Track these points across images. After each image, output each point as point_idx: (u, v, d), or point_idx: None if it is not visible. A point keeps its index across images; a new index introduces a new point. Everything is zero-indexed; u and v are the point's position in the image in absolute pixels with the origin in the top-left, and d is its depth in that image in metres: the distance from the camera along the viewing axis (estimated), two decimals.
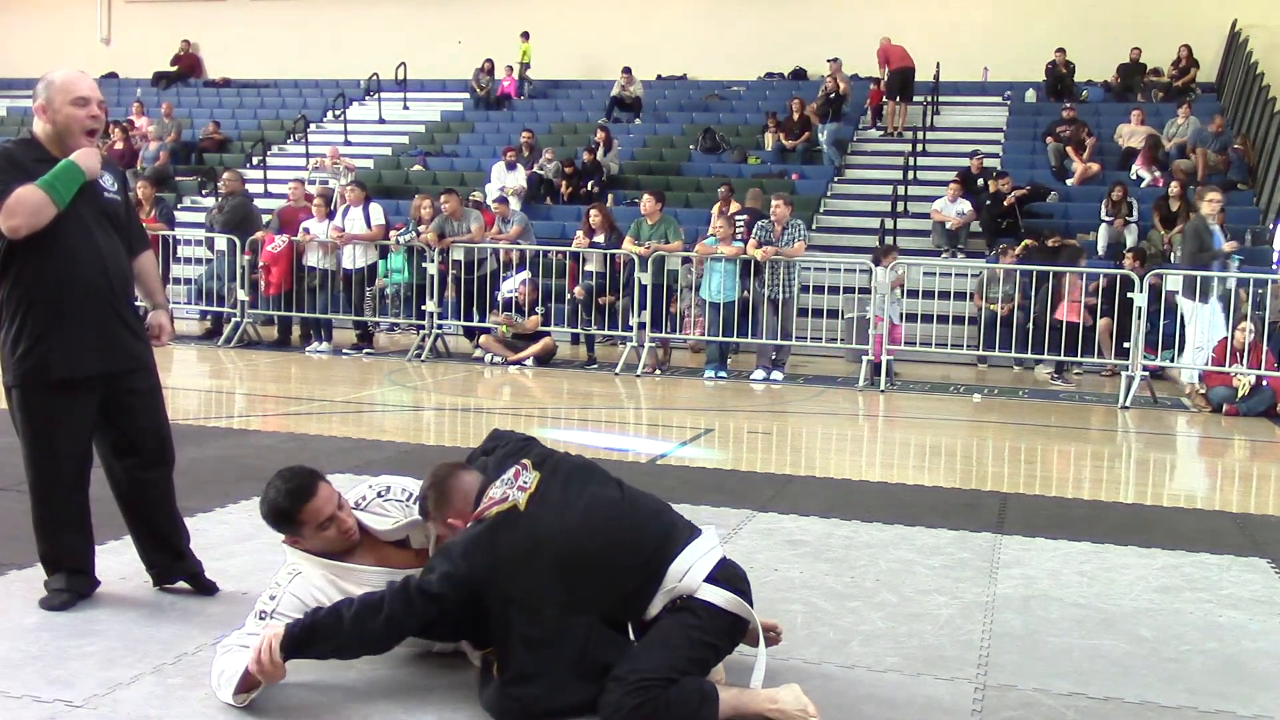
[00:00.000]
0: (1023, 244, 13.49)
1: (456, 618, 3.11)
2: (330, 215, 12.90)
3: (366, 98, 22.02)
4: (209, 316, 13.40)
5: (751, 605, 3.22)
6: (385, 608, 3.03)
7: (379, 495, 3.60)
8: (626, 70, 19.95)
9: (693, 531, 3.27)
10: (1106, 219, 14.17)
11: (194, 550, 4.17)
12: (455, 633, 3.27)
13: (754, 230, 11.53)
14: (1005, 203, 14.66)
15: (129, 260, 4.00)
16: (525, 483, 3.19)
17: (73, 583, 3.90)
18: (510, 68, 21.33)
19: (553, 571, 3.05)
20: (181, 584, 4.11)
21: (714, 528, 3.36)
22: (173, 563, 4.08)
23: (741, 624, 3.18)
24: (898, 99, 18.43)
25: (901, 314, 11.68)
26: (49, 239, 3.67)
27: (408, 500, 3.58)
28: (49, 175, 3.65)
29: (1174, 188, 14.19)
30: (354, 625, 3.02)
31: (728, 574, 3.21)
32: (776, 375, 11.12)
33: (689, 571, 3.13)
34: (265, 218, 13.56)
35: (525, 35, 21.55)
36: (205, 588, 4.07)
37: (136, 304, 4.06)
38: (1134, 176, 15.77)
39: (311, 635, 3.04)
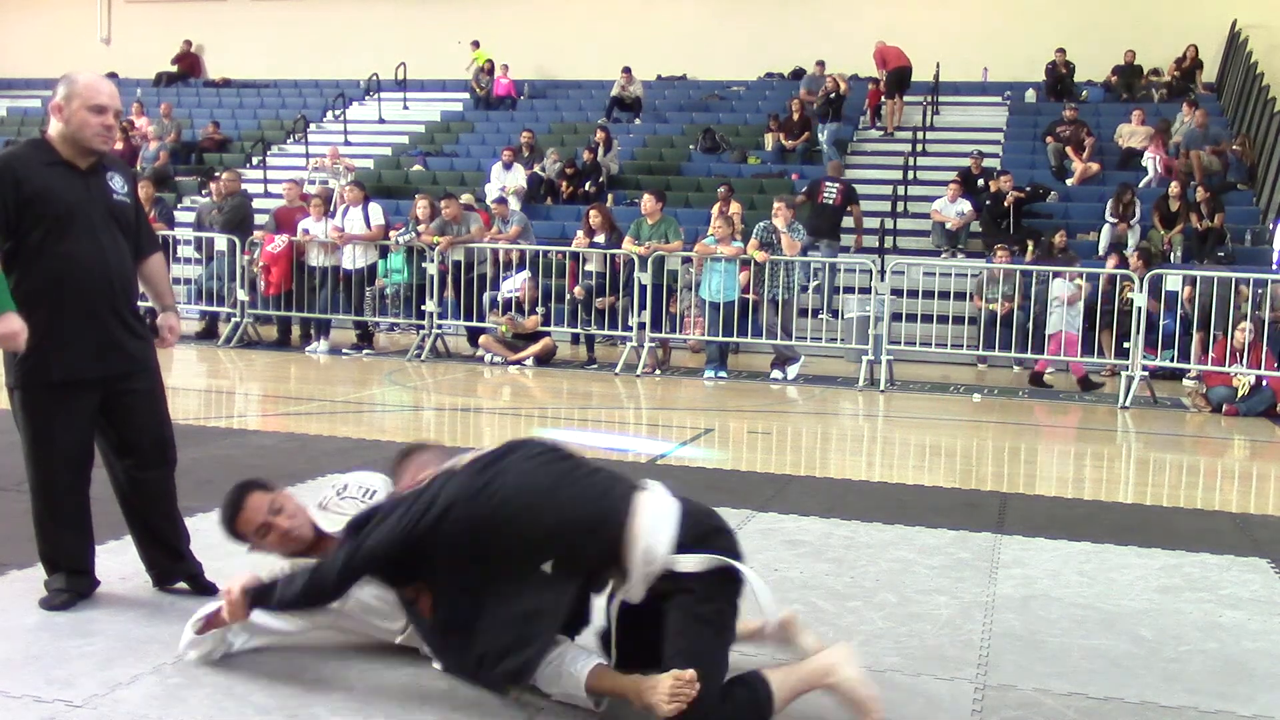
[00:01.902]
0: (1031, 249, 13.51)
1: (401, 560, 3.18)
2: (329, 215, 12.90)
3: (366, 98, 22.01)
4: (206, 316, 13.40)
5: (734, 541, 3.14)
6: (328, 561, 3.25)
7: (338, 494, 3.65)
8: (626, 70, 19.95)
9: (634, 489, 3.14)
10: (1110, 219, 14.17)
11: (194, 551, 4.18)
12: (404, 573, 3.27)
13: (755, 231, 11.54)
14: (1005, 203, 14.66)
15: (138, 262, 4.01)
16: (472, 454, 3.29)
17: (73, 583, 3.90)
18: (506, 66, 21.33)
19: (468, 528, 3.07)
20: (181, 585, 4.12)
21: (661, 483, 3.21)
22: (173, 564, 4.09)
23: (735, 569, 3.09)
24: (896, 96, 18.45)
25: (1079, 325, 11.20)
26: (55, 242, 3.69)
27: (363, 496, 3.62)
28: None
29: (1174, 188, 14.19)
30: (304, 573, 3.24)
31: (695, 525, 3.09)
32: (781, 374, 11.11)
33: (653, 544, 3.01)
34: (260, 218, 13.56)
35: (475, 44, 21.62)
36: (205, 588, 4.06)
37: (139, 305, 4.06)
38: (1143, 164, 15.75)
39: (269, 586, 3.27)
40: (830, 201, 13.86)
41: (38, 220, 3.67)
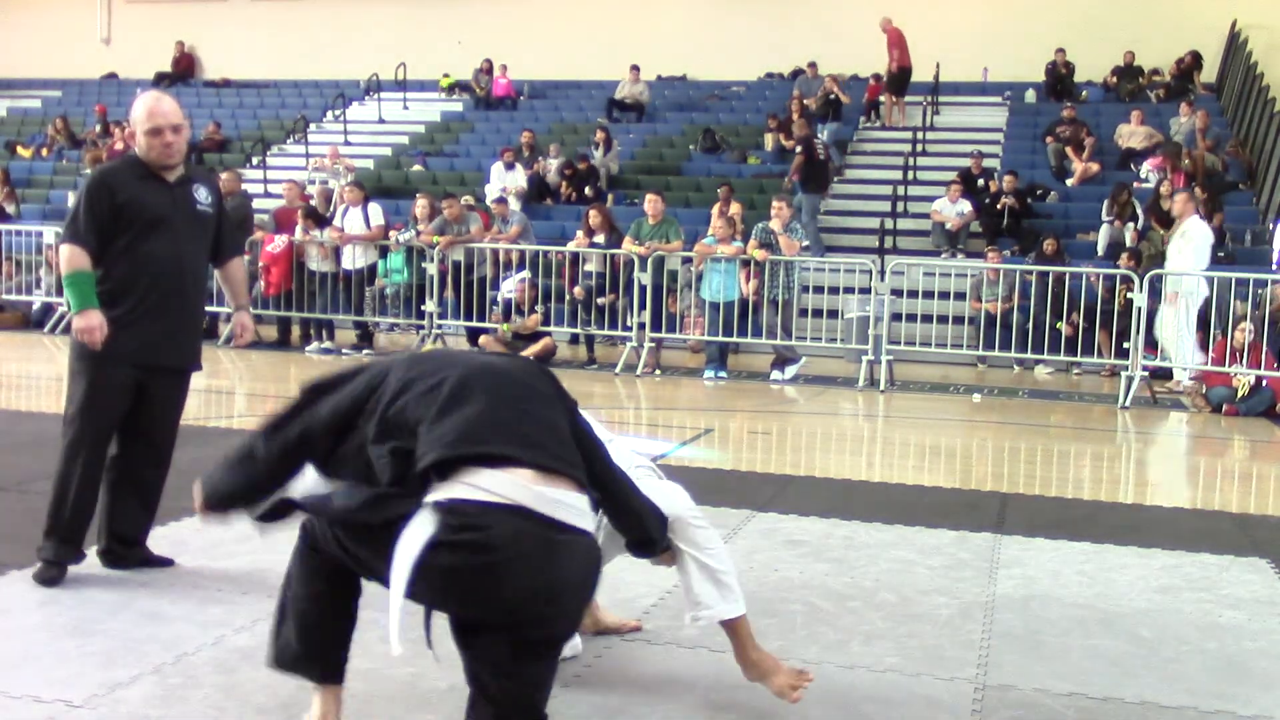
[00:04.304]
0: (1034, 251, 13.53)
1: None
2: (325, 223, 12.89)
3: (366, 98, 22.01)
4: (206, 316, 13.38)
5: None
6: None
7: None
8: (635, 68, 19.95)
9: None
10: (1107, 219, 14.16)
11: (198, 550, 4.39)
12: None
13: (754, 231, 11.54)
14: (999, 205, 14.69)
15: (219, 265, 4.50)
16: None
17: (62, 551, 4.10)
18: (505, 67, 21.35)
19: None
20: (178, 585, 4.14)
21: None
22: (126, 550, 4.29)
23: None
24: (895, 95, 18.51)
25: None
26: (139, 243, 4.09)
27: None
28: (84, 285, 4.03)
29: (1165, 187, 14.18)
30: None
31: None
32: (780, 374, 11.10)
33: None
34: (259, 218, 13.55)
35: (445, 75, 22.01)
36: (158, 561, 4.31)
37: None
38: (1144, 176, 15.70)
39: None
40: (823, 157, 15.59)
41: (128, 225, 4.09)
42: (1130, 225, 13.94)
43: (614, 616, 3.84)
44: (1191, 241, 11.02)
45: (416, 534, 2.55)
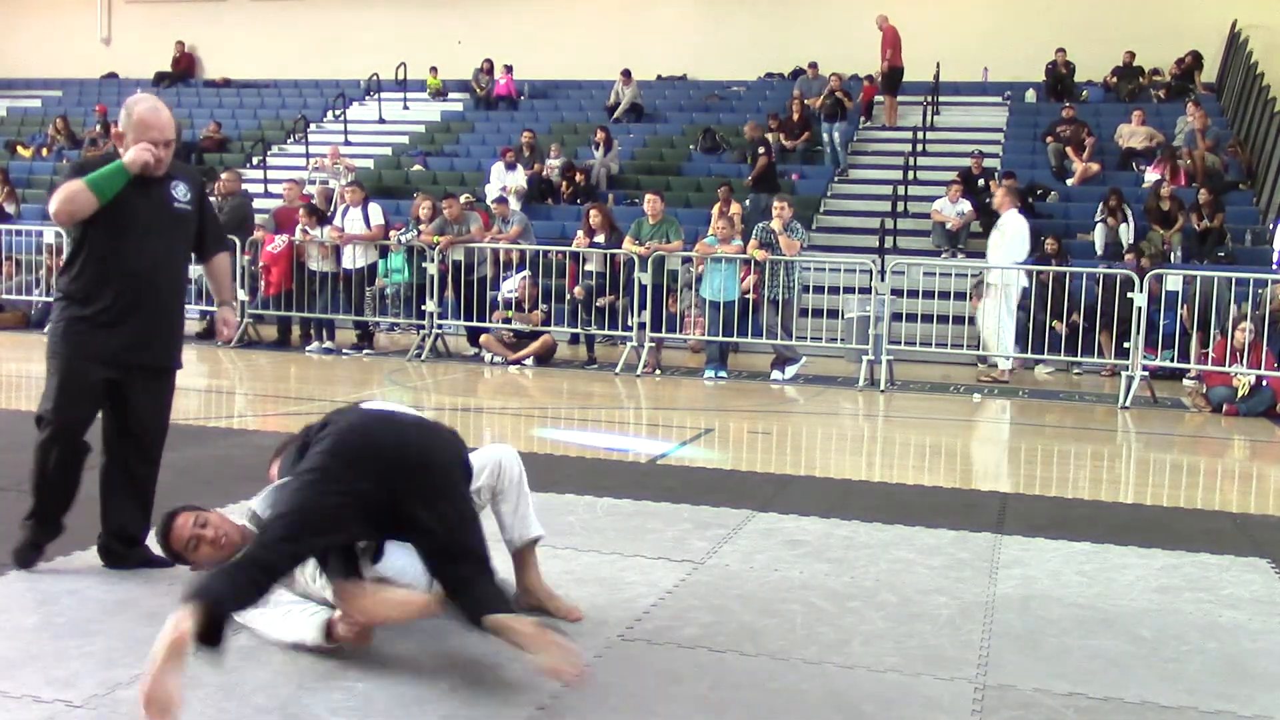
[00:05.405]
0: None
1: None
2: (325, 222, 12.89)
3: (366, 98, 22.02)
4: (207, 317, 13.39)
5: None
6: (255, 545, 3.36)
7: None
8: (625, 73, 19.95)
9: None
10: (1099, 219, 14.15)
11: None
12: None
13: (755, 231, 11.54)
14: (995, 206, 14.66)
15: (203, 261, 4.47)
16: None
17: (41, 534, 4.19)
18: (508, 67, 21.35)
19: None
20: (178, 585, 4.14)
21: None
22: (126, 550, 4.30)
23: None
24: (891, 94, 18.54)
25: None
26: (113, 241, 4.09)
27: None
28: (96, 173, 4.02)
29: (1164, 189, 14.18)
30: (235, 568, 3.28)
31: None
32: (780, 374, 11.10)
33: None
34: (259, 218, 13.56)
35: (434, 70, 22.05)
36: (159, 563, 4.28)
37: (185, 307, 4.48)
38: (1151, 179, 15.66)
39: (217, 600, 3.12)
40: (774, 160, 16.25)
41: (103, 224, 4.07)
42: (1123, 226, 13.94)
43: (560, 601, 3.94)
44: (1005, 234, 11.53)
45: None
